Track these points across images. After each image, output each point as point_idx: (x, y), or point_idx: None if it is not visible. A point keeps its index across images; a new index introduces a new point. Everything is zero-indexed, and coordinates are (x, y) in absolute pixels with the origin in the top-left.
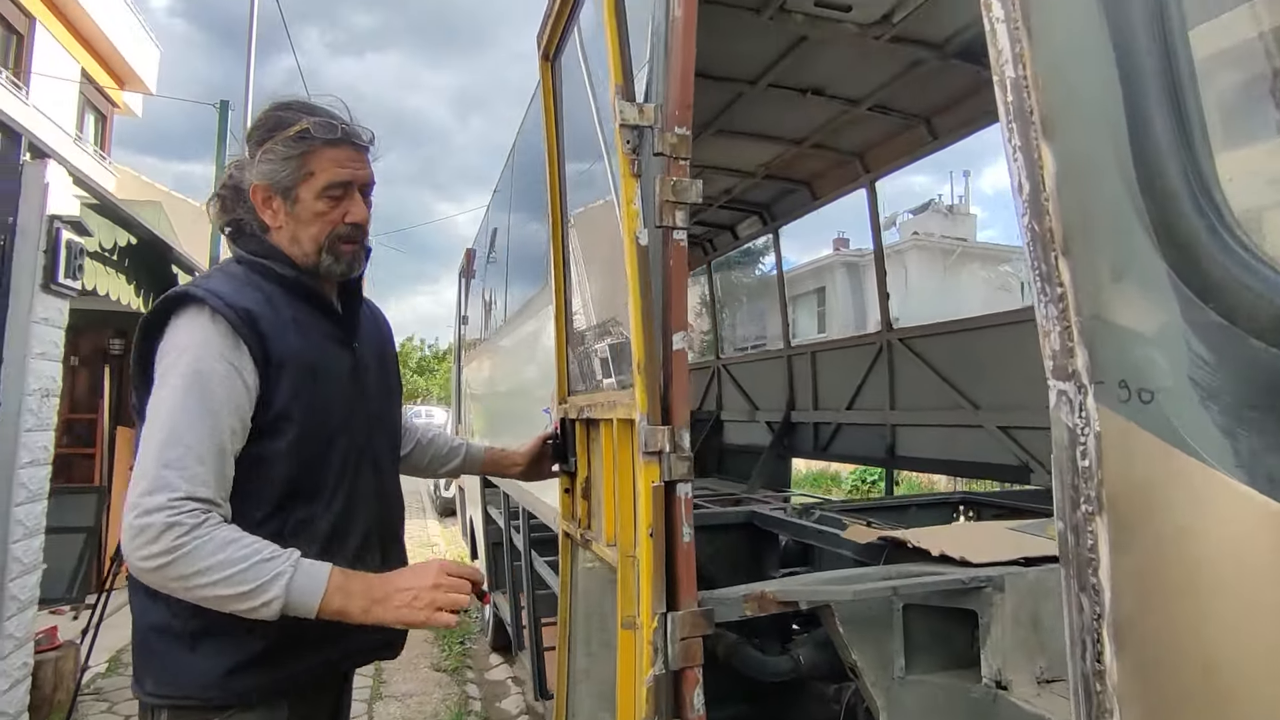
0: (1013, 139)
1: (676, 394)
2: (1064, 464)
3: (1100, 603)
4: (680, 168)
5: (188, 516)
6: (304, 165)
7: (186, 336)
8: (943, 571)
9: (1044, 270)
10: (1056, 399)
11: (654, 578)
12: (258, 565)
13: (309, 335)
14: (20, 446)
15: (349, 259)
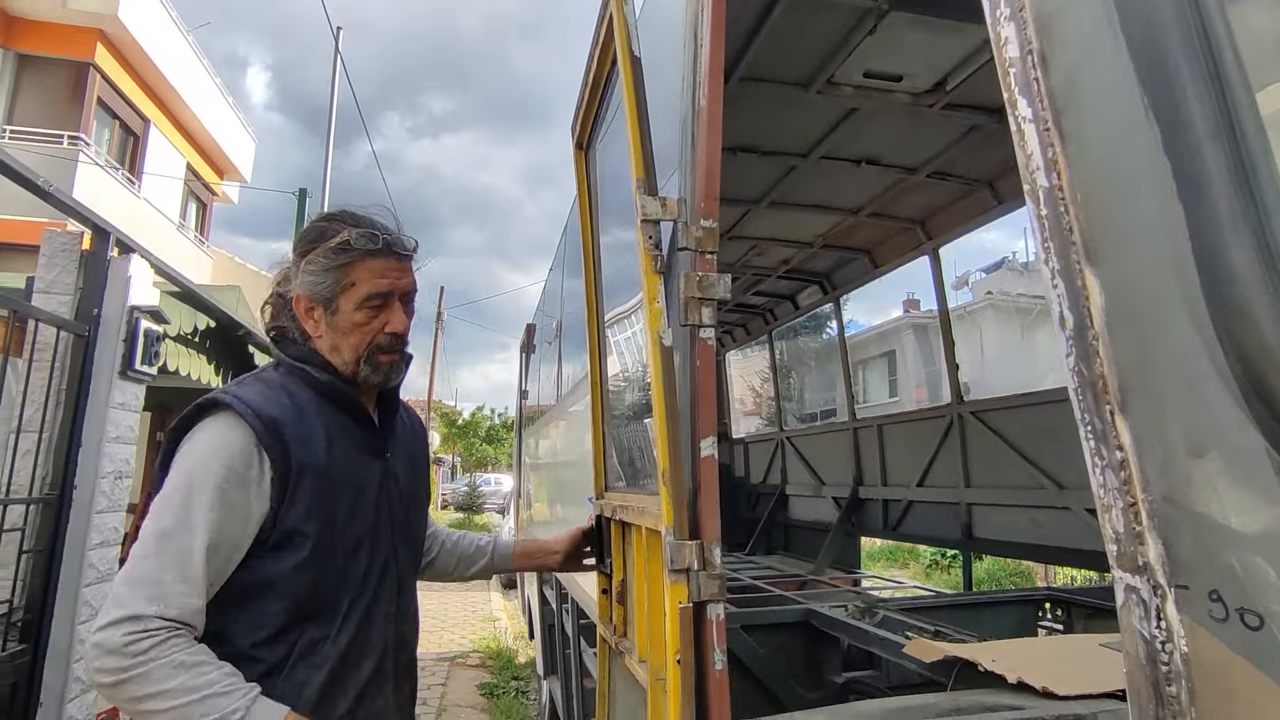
0: (1050, 260)
1: (705, 504)
2: (1142, 687)
3: None
4: (707, 262)
5: (147, 639)
6: (345, 276)
7: (204, 444)
8: (1022, 704)
9: (1097, 427)
10: (1125, 596)
11: (683, 711)
12: (211, 699)
13: (338, 444)
14: (92, 528)
15: (387, 369)
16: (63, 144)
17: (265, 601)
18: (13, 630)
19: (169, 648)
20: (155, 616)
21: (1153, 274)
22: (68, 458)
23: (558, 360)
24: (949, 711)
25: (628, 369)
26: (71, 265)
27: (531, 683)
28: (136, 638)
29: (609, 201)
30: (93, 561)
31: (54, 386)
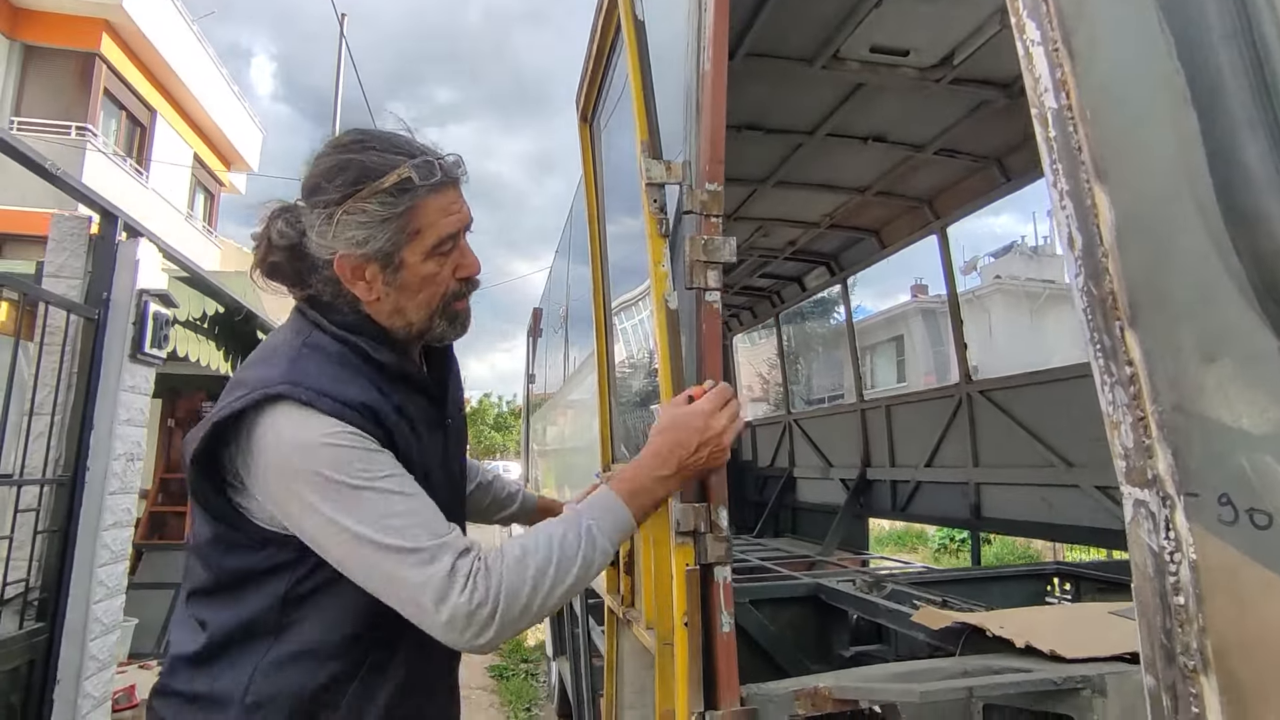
0: (1059, 182)
1: None
2: (1150, 600)
3: None
4: (712, 225)
5: (471, 580)
6: (409, 222)
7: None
8: (1030, 668)
9: (1106, 344)
10: (1134, 511)
11: (690, 672)
12: (563, 547)
13: (414, 424)
14: (105, 509)
15: (465, 318)
16: (70, 134)
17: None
18: (29, 609)
19: (493, 559)
20: (450, 549)
21: (1164, 185)
22: (80, 440)
23: (565, 343)
24: (956, 674)
25: (634, 341)
26: (80, 249)
27: (540, 665)
28: (467, 578)
29: (614, 174)
30: (106, 542)
31: (65, 370)
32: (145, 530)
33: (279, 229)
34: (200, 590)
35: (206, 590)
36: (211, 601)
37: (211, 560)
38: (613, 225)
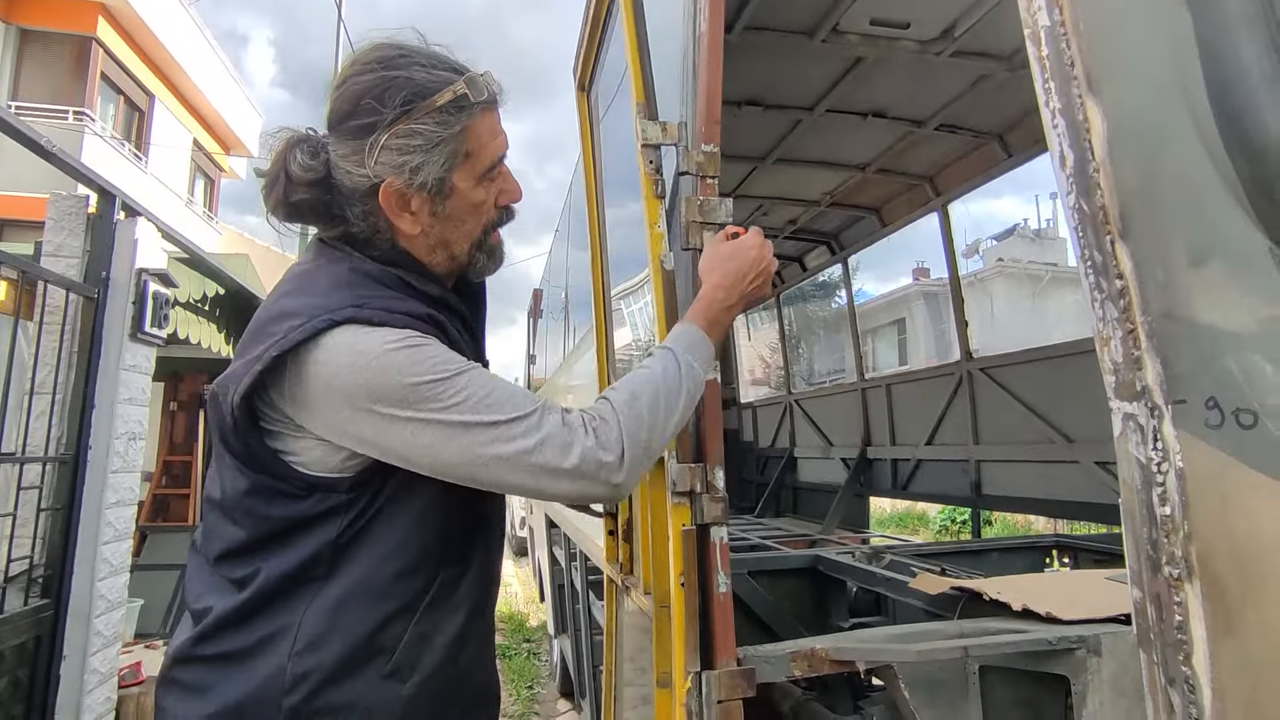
0: (1050, 101)
1: (708, 429)
2: (1136, 512)
3: (1197, 703)
4: (708, 187)
5: (585, 424)
6: (462, 144)
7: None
8: (1026, 629)
9: (1097, 260)
10: (1123, 425)
11: (687, 632)
12: (669, 388)
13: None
14: (108, 487)
15: (501, 250)
16: (68, 119)
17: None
18: (34, 586)
19: (598, 412)
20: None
21: (1156, 91)
22: (81, 418)
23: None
24: (952, 635)
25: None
26: (79, 228)
27: (543, 645)
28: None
29: (612, 143)
30: (110, 520)
31: (65, 349)
32: (149, 512)
33: (301, 162)
34: (235, 549)
35: (243, 547)
36: (252, 557)
37: (249, 511)
38: (610, 195)
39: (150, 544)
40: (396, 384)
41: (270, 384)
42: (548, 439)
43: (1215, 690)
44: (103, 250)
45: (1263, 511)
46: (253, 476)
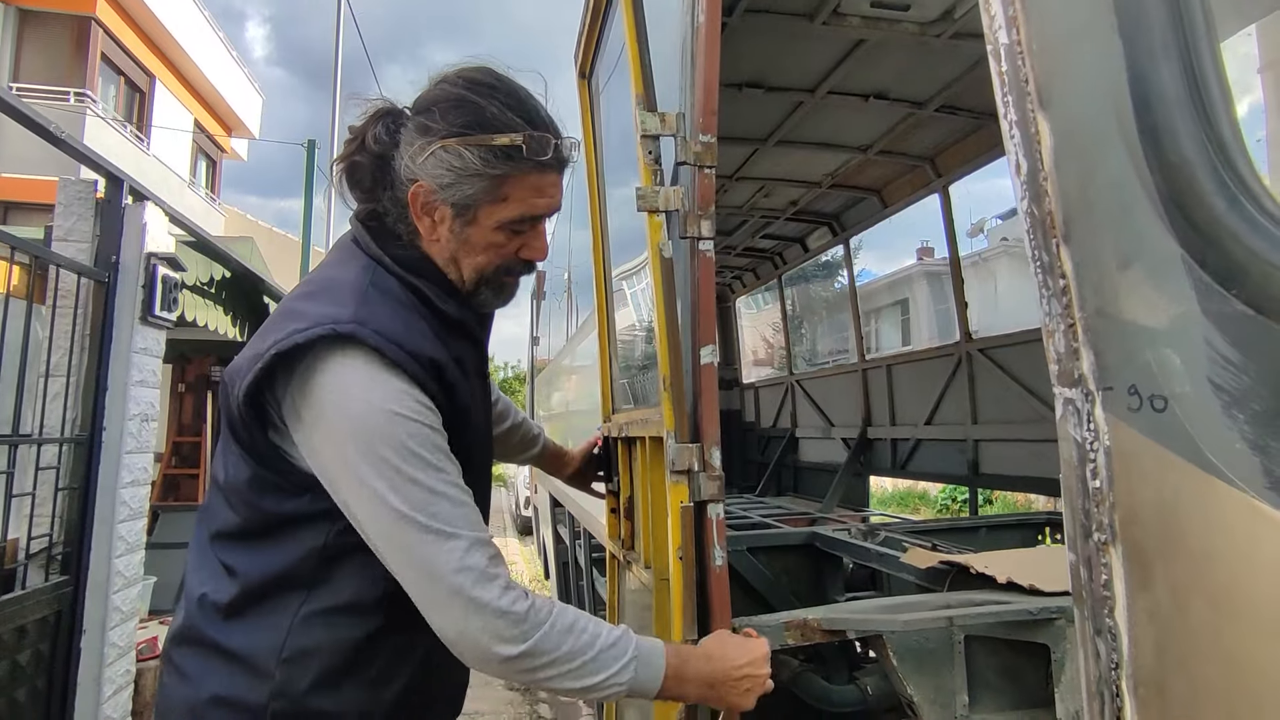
0: (1008, 113)
1: (706, 410)
2: (1073, 485)
3: (1118, 649)
4: (706, 176)
5: (523, 600)
6: (500, 187)
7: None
8: (1009, 600)
9: (1045, 261)
10: (1063, 409)
11: (684, 603)
12: (603, 655)
13: (469, 376)
14: (122, 467)
15: (510, 292)
16: (69, 100)
17: None
18: (54, 563)
19: (544, 610)
20: (505, 579)
21: (1095, 108)
22: (95, 400)
23: (569, 304)
24: (939, 606)
25: (632, 291)
26: (88, 213)
27: None
28: (517, 611)
29: (612, 131)
30: (125, 499)
31: (78, 332)
32: (160, 492)
33: (376, 133)
34: (229, 533)
35: (237, 533)
36: (243, 547)
37: (246, 501)
38: (611, 178)
39: (162, 523)
40: (374, 449)
41: (275, 381)
42: (468, 568)
43: (1132, 637)
44: (112, 235)
45: (1170, 484)
46: (254, 467)
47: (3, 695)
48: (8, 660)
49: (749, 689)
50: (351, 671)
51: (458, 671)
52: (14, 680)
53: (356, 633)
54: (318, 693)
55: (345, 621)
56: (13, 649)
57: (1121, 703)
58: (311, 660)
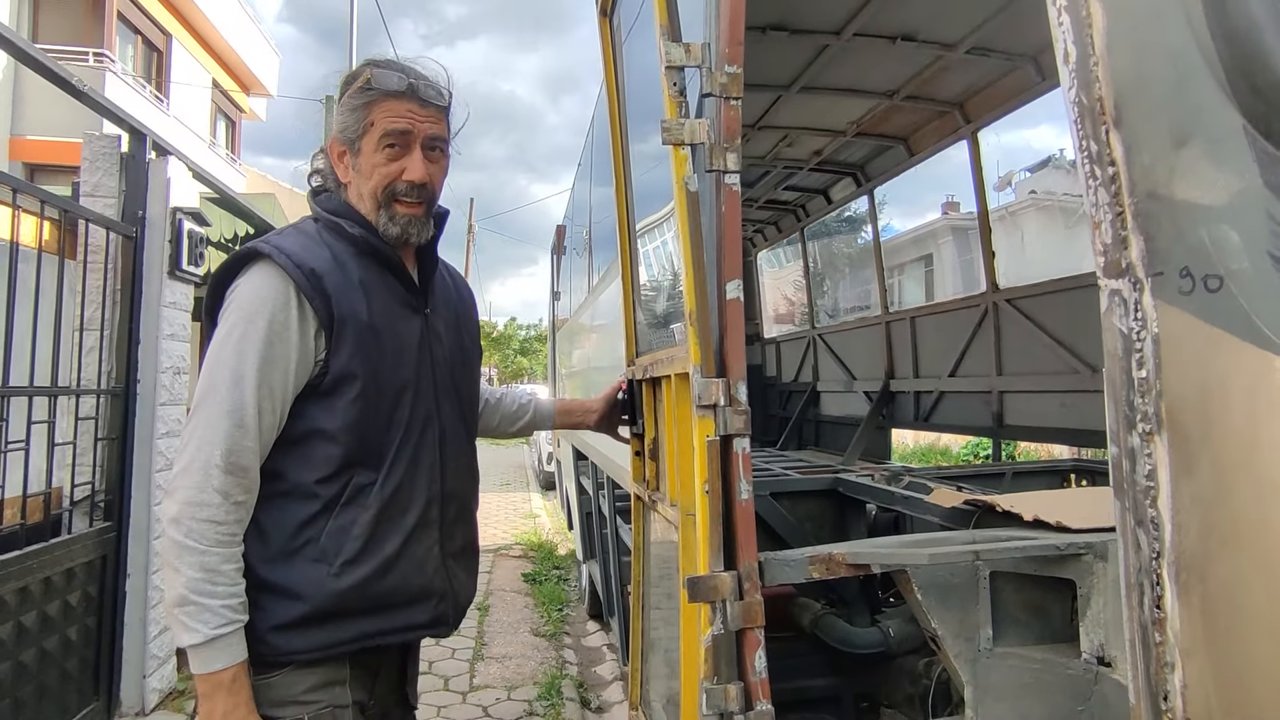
0: (1057, 1)
1: (732, 346)
2: (1117, 377)
3: (1160, 538)
4: (731, 108)
5: (201, 513)
6: (367, 115)
7: (249, 292)
8: (1035, 537)
9: (1093, 150)
10: (1109, 301)
11: (711, 536)
12: (208, 599)
13: (376, 298)
14: (157, 419)
15: (405, 221)
16: (88, 60)
17: (320, 445)
18: (97, 510)
19: (223, 535)
20: (216, 490)
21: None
22: (129, 354)
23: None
24: (965, 542)
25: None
26: (113, 169)
27: (571, 571)
28: (212, 518)
29: (634, 68)
30: (161, 450)
31: (109, 287)
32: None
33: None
34: None
35: None
36: None
37: None
38: (634, 124)
39: None
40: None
41: (219, 299)
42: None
43: (1175, 525)
44: (137, 190)
45: (1222, 365)
46: None
47: (56, 634)
48: (59, 601)
49: None
50: (296, 549)
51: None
52: (66, 619)
53: (300, 514)
54: (270, 566)
55: (290, 504)
56: (63, 590)
57: (1162, 591)
58: (262, 539)
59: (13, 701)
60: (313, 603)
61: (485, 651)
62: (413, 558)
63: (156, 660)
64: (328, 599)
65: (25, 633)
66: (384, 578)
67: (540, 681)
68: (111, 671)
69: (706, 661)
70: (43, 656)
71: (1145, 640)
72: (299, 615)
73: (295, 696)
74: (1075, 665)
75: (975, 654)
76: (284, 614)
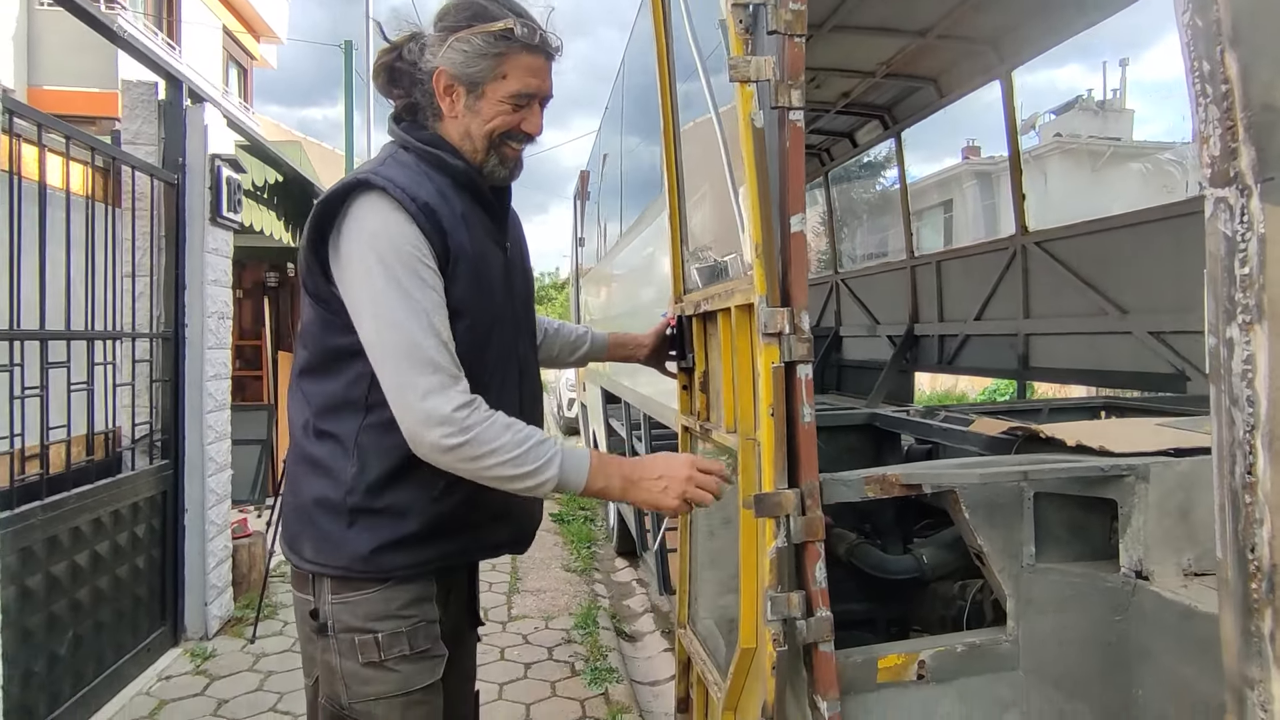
0: None
1: (795, 277)
2: (1219, 276)
3: (1255, 414)
4: (796, 45)
5: (467, 408)
6: (499, 66)
7: (377, 223)
8: (1079, 460)
9: (1205, 70)
10: (1214, 208)
11: (776, 456)
12: (535, 447)
13: (475, 232)
14: (206, 362)
15: (513, 163)
16: (99, 5)
17: None
18: (155, 448)
19: (486, 410)
20: (460, 386)
21: None
22: (176, 299)
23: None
24: (1011, 464)
25: (704, 170)
26: (152, 116)
27: (597, 511)
28: (464, 409)
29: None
30: (210, 391)
31: (154, 233)
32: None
33: (410, 47)
34: (305, 369)
35: (309, 368)
36: (314, 378)
37: (314, 339)
38: (681, 60)
39: (234, 420)
40: (380, 259)
41: (325, 230)
42: (425, 384)
43: (1270, 400)
44: (176, 137)
45: None
46: (318, 309)
47: (126, 562)
48: (127, 532)
49: (666, 488)
50: (404, 473)
51: (526, 502)
52: (134, 550)
53: (405, 442)
54: (380, 489)
55: (396, 433)
56: (130, 523)
57: (1254, 459)
58: (372, 464)
59: (94, 623)
60: (419, 522)
61: (520, 585)
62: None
63: (216, 590)
64: (431, 520)
65: (100, 561)
66: (478, 500)
67: (575, 612)
68: (176, 599)
69: (771, 572)
70: (116, 583)
71: (1235, 504)
72: (405, 534)
73: (393, 611)
74: (1113, 579)
75: (1018, 570)
76: (391, 533)
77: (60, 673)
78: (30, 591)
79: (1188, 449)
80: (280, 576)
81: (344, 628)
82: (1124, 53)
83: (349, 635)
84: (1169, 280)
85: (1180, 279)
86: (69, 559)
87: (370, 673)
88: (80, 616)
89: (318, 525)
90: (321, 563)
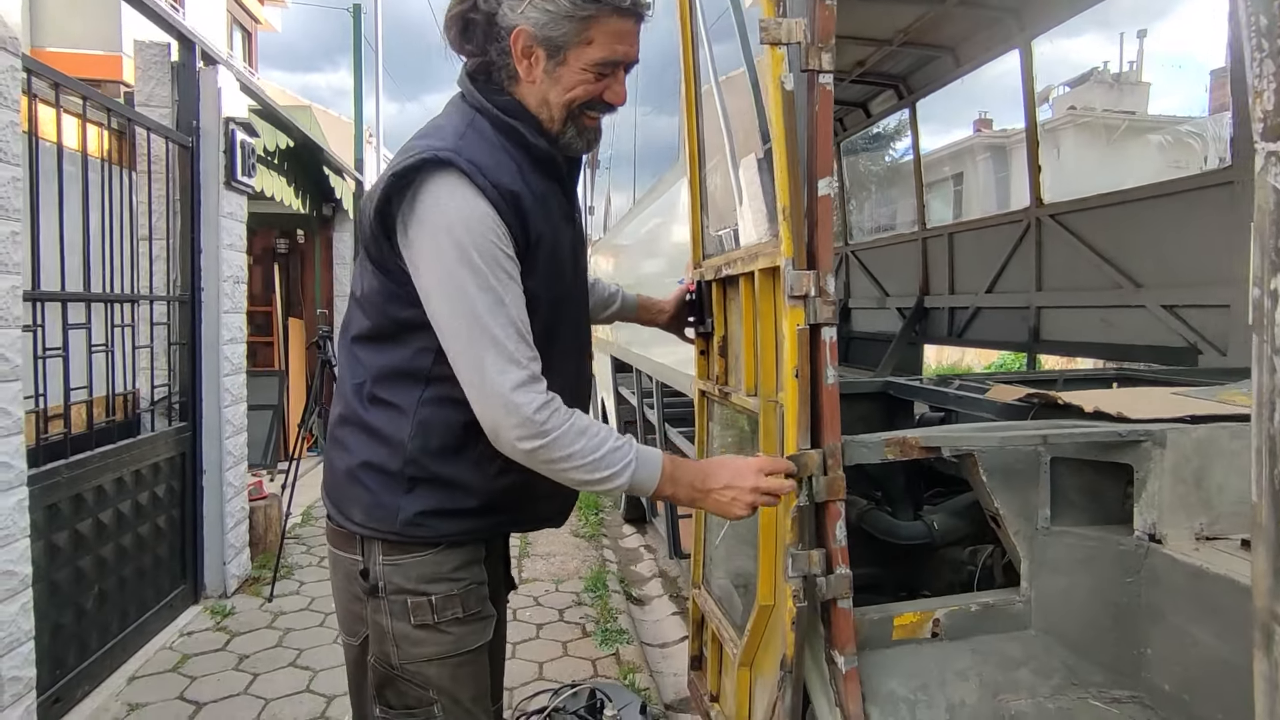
0: None
1: (821, 240)
2: (1267, 228)
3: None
4: (826, 8)
5: (546, 409)
6: (585, 30)
7: (456, 208)
8: (1097, 425)
9: (1262, 24)
10: (1264, 161)
11: (800, 417)
12: (610, 453)
13: (551, 213)
14: (222, 326)
15: (591, 135)
16: None
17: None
18: (174, 410)
19: (565, 412)
20: (539, 385)
21: None
22: (192, 263)
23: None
24: (1030, 429)
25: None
26: (165, 78)
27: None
28: (544, 411)
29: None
30: (226, 355)
31: (170, 197)
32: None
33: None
34: (365, 336)
35: (370, 336)
36: (375, 346)
37: (376, 308)
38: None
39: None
40: (458, 245)
41: (393, 201)
42: (508, 376)
43: None
44: (190, 99)
45: None
46: (382, 279)
47: (148, 521)
48: (148, 492)
49: (734, 498)
50: (463, 449)
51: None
52: (155, 509)
53: (466, 417)
54: (439, 461)
55: (456, 408)
56: (151, 482)
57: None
58: (432, 436)
59: (118, 579)
60: (478, 497)
61: (530, 550)
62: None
63: (234, 549)
64: (486, 495)
65: (123, 519)
66: (531, 480)
67: (585, 576)
68: (196, 558)
69: (792, 530)
70: (139, 542)
71: (1273, 449)
72: (465, 507)
73: (445, 574)
74: (1127, 542)
75: (1033, 532)
76: (451, 503)
77: (88, 626)
78: (58, 548)
79: (1203, 415)
80: (295, 538)
81: (396, 589)
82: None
83: (401, 597)
84: (1185, 254)
85: (1196, 253)
86: (94, 516)
87: (423, 634)
88: (105, 573)
89: (371, 490)
90: (373, 527)
